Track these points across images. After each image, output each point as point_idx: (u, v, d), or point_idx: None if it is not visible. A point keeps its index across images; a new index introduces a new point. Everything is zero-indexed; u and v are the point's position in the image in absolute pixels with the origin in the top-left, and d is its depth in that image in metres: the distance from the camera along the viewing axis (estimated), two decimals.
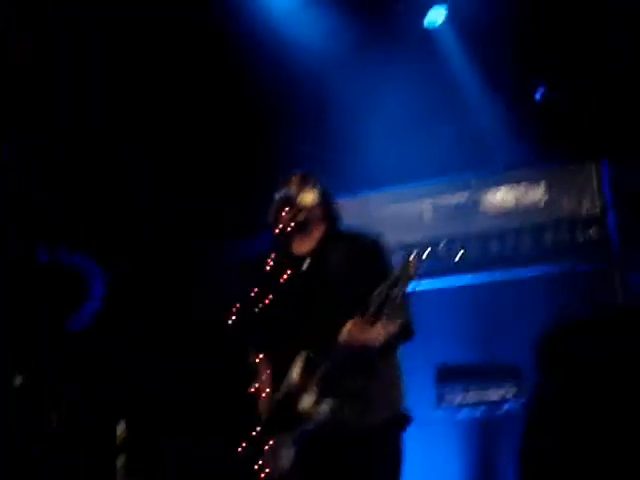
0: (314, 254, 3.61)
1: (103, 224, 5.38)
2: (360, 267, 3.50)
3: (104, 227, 5.37)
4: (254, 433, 3.35)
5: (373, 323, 3.27)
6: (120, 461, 4.78)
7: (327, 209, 3.64)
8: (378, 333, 3.30)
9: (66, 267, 4.89)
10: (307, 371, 3.43)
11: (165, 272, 5.53)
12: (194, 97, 5.58)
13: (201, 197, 5.49)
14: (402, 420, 3.45)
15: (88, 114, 5.40)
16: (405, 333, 3.52)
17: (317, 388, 3.39)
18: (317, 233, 3.65)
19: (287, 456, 3.38)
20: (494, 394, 4.60)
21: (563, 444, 1.68)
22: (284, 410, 3.43)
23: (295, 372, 3.46)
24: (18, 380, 4.74)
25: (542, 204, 4.75)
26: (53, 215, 5.10)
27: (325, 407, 3.35)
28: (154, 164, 5.59)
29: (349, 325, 3.31)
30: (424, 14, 5.32)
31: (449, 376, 4.72)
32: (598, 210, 4.63)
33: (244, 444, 3.45)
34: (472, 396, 4.66)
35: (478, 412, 4.62)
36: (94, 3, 5.18)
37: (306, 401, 3.38)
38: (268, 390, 3.53)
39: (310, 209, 3.58)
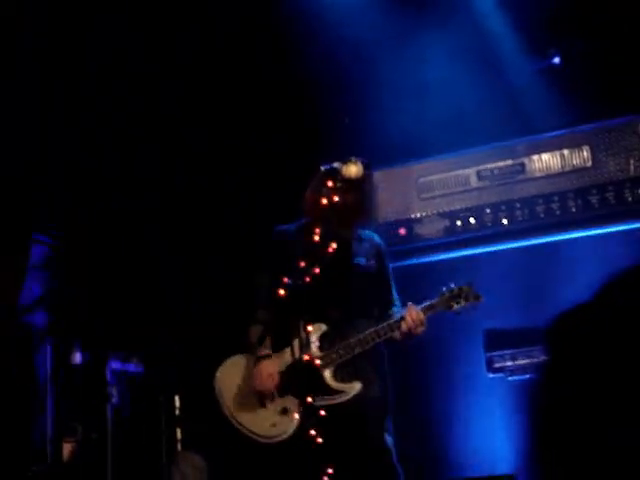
0: (344, 240, 3.72)
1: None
2: (382, 264, 3.85)
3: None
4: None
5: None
6: (178, 433, 4.90)
7: (367, 194, 3.77)
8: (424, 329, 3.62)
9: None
10: (330, 347, 3.57)
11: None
12: None
13: None
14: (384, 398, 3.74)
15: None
16: None
17: (339, 366, 3.56)
18: (351, 220, 3.76)
19: (293, 423, 3.57)
20: (543, 357, 4.60)
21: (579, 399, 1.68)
22: (302, 377, 3.56)
23: (313, 344, 3.57)
24: (77, 357, 4.86)
25: (588, 165, 4.71)
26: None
27: (360, 387, 3.53)
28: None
29: (416, 313, 3.55)
30: None
31: (498, 341, 4.74)
32: None
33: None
34: (522, 359, 4.67)
35: (529, 374, 4.63)
36: None
37: (330, 377, 3.53)
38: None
39: (354, 182, 3.63)
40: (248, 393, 3.64)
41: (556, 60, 5.10)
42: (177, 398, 4.92)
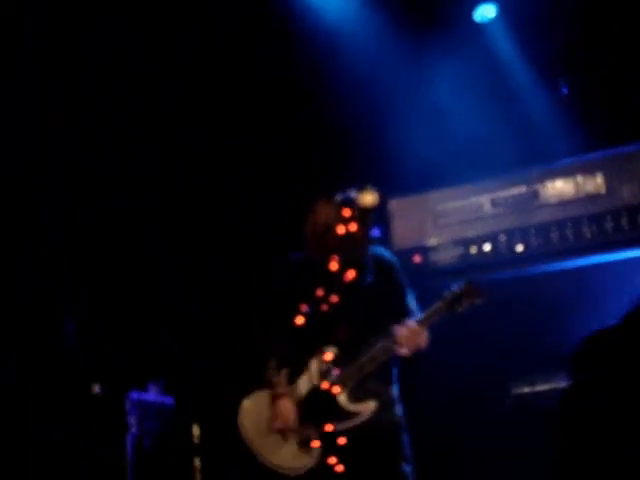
0: (360, 266, 3.73)
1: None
2: (390, 280, 3.74)
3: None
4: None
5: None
6: (196, 463, 4.90)
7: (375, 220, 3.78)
8: (425, 339, 3.50)
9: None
10: (341, 369, 3.57)
11: None
12: None
13: None
14: (400, 424, 3.65)
15: None
16: None
17: (351, 387, 3.54)
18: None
19: (317, 450, 3.54)
20: (562, 383, 4.61)
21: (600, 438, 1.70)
22: (318, 404, 3.57)
23: (328, 370, 3.58)
24: (96, 388, 4.90)
25: (602, 192, 4.74)
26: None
27: (375, 405, 3.51)
28: None
29: (405, 328, 3.46)
30: (474, 9, 5.35)
31: (516, 367, 4.74)
32: None
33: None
34: (541, 386, 4.67)
35: (548, 401, 4.63)
36: None
37: (345, 399, 3.52)
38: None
39: (370, 210, 3.66)
40: (269, 429, 3.65)
41: (564, 91, 5.16)
42: (196, 427, 4.93)
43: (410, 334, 3.48)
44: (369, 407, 3.53)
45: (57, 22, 5.18)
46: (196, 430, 4.81)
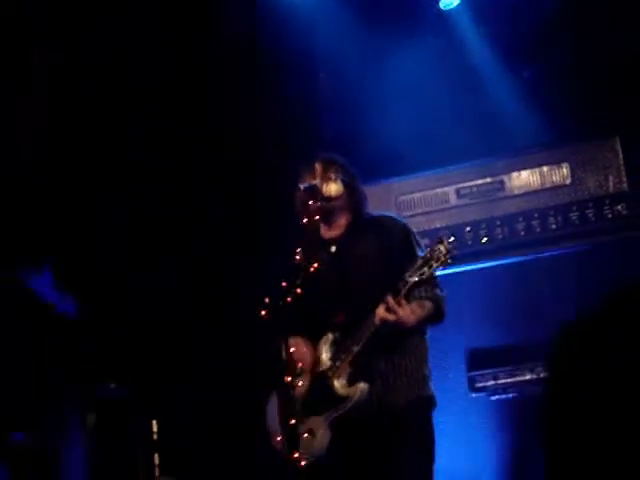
0: (341, 239, 3.63)
1: None
2: (391, 250, 3.56)
3: None
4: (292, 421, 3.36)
5: (404, 305, 3.32)
6: (155, 459, 4.81)
7: (352, 196, 3.66)
8: (409, 315, 3.34)
9: None
10: (336, 353, 3.46)
11: None
12: None
13: None
14: (427, 402, 3.53)
15: None
16: (435, 316, 3.54)
17: (350, 369, 3.42)
18: (343, 220, 3.67)
19: (323, 441, 3.40)
20: (526, 375, 4.58)
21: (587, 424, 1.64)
22: (317, 393, 3.45)
23: (324, 355, 3.48)
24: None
25: (568, 182, 4.71)
26: None
27: (363, 387, 3.39)
28: None
29: (382, 307, 3.33)
30: None
31: (480, 360, 4.70)
32: (626, 185, 4.59)
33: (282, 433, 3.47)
34: (504, 379, 4.64)
35: (511, 394, 4.60)
36: None
37: (341, 383, 3.41)
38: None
39: (335, 199, 3.59)
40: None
41: (526, 74, 5.14)
42: (154, 423, 4.83)
43: (391, 310, 3.31)
44: (358, 390, 3.38)
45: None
46: (154, 426, 4.72)
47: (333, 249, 3.63)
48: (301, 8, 5.25)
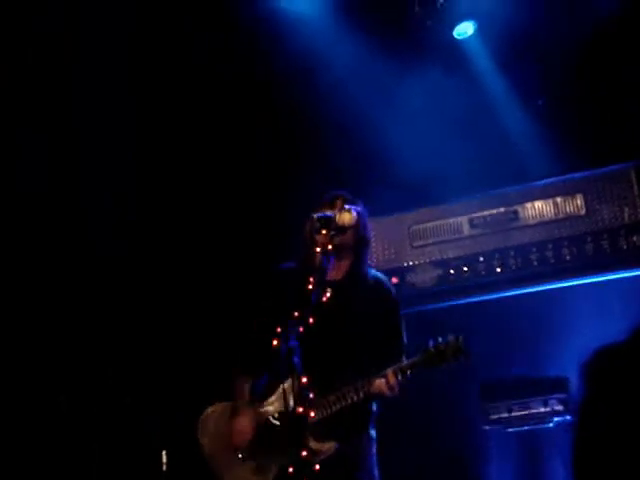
0: (338, 286, 3.64)
1: None
2: (377, 318, 3.68)
3: None
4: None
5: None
6: None
7: (361, 233, 3.69)
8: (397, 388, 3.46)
9: None
10: (303, 399, 3.44)
11: None
12: None
13: None
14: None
15: None
16: None
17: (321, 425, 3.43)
18: (347, 262, 3.70)
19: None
20: (541, 407, 4.53)
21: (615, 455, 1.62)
22: (273, 432, 3.50)
23: (291, 399, 3.44)
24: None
25: (582, 213, 4.67)
26: None
27: (331, 447, 3.46)
28: None
29: (383, 381, 3.43)
30: (453, 27, 5.30)
31: (494, 392, 4.66)
32: None
33: None
34: (519, 410, 4.59)
35: (526, 426, 4.55)
36: None
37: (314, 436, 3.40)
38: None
39: (347, 228, 3.58)
40: (227, 446, 3.55)
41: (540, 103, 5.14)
42: (164, 454, 4.81)
43: (392, 387, 3.44)
44: (328, 448, 3.46)
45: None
46: (164, 457, 4.70)
47: (329, 294, 3.63)
48: (315, 41, 5.25)
